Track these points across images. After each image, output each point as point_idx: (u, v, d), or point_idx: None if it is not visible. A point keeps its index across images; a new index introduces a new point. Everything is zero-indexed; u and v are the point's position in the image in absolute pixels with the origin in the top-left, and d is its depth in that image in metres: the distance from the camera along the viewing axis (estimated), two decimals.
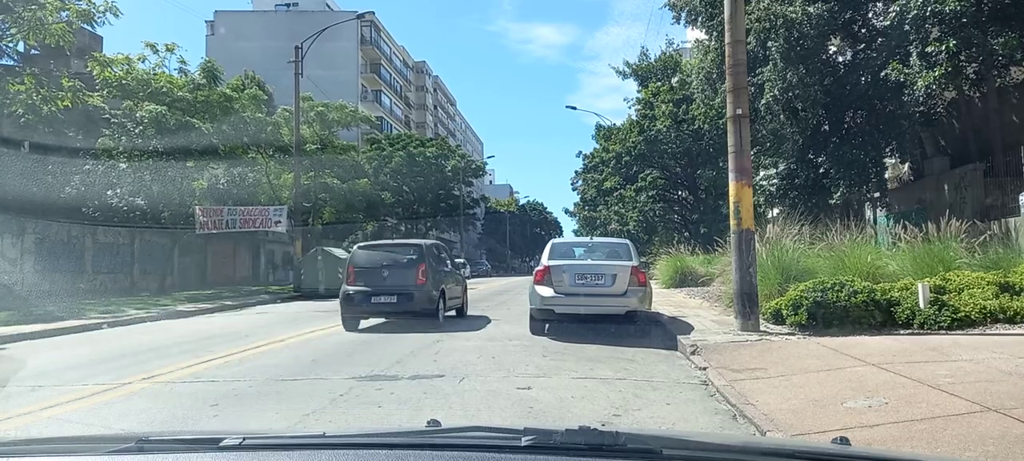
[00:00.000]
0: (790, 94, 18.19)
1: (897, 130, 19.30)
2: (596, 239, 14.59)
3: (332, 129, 35.78)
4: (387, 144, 53.60)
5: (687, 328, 10.53)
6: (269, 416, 5.78)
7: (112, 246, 26.27)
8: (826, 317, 9.29)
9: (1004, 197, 16.40)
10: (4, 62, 19.47)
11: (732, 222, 10.19)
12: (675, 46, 38.17)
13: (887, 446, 4.39)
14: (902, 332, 8.98)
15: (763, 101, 18.77)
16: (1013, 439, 4.38)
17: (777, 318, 10.05)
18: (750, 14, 17.61)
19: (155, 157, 23.36)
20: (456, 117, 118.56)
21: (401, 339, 10.63)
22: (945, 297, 9.30)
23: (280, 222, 27.54)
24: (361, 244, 12.68)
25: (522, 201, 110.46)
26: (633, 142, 36.23)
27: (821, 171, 21.04)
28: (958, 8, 14.19)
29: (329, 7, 71.50)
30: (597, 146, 44.60)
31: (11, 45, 19.32)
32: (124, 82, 22.40)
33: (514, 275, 57.42)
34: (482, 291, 26.83)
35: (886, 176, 22.39)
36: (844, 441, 1.83)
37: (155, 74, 23.49)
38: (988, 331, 8.70)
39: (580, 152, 47.45)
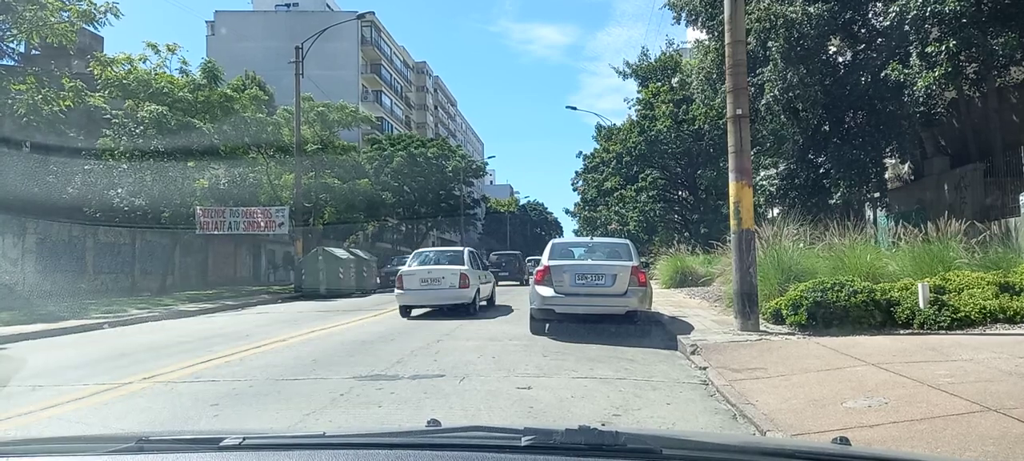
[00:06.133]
0: (790, 94, 18.19)
1: (897, 130, 19.29)
2: (596, 239, 14.61)
3: (333, 129, 35.78)
4: (388, 144, 53.62)
5: (687, 328, 10.53)
6: (269, 416, 5.78)
7: (113, 246, 26.30)
8: (826, 317, 9.30)
9: (1004, 197, 16.40)
10: (5, 62, 19.50)
11: (732, 222, 10.19)
12: (675, 46, 38.23)
13: (887, 446, 4.38)
14: (902, 332, 8.98)
15: (763, 101, 18.77)
16: (1013, 439, 4.38)
17: (777, 318, 10.05)
18: (750, 14, 17.60)
19: (156, 157, 23.37)
20: (457, 117, 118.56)
21: (402, 339, 10.64)
22: (945, 297, 9.30)
23: (283, 224, 27.55)
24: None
25: (523, 201, 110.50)
26: (633, 142, 36.24)
27: (821, 171, 21.03)
28: (958, 8, 14.18)
29: (329, 7, 71.53)
30: (597, 146, 44.66)
31: (12, 45, 19.36)
32: (125, 82, 22.43)
33: None
34: None
35: (886, 176, 22.39)
36: (844, 441, 1.83)
37: (156, 74, 23.50)
38: (988, 331, 8.69)
39: (580, 152, 47.59)
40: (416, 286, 15.00)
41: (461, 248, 18.10)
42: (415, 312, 15.27)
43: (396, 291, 15.36)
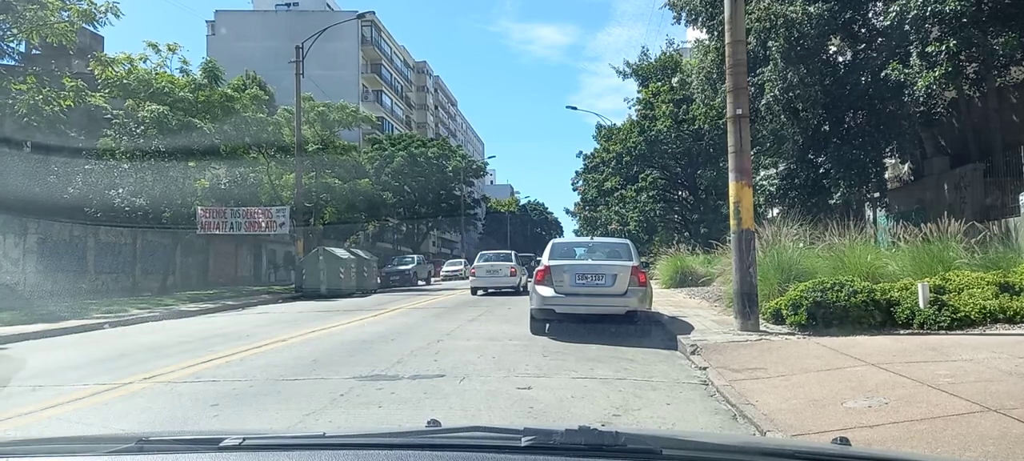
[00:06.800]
0: (790, 94, 18.18)
1: (897, 130, 19.29)
2: (596, 239, 14.62)
3: (333, 129, 35.79)
4: (388, 144, 53.63)
5: (687, 328, 10.53)
6: (270, 416, 5.78)
7: (114, 246, 26.32)
8: (826, 317, 9.29)
9: (1004, 197, 16.40)
10: (6, 62, 19.49)
11: (732, 222, 10.19)
12: (675, 46, 38.24)
13: (887, 446, 4.39)
14: (902, 332, 8.98)
15: (763, 101, 18.76)
16: (1013, 439, 4.38)
17: (777, 318, 10.05)
18: (750, 14, 17.59)
19: (157, 157, 23.37)
20: (457, 117, 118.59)
21: (402, 339, 10.64)
22: (945, 297, 9.29)
23: (284, 223, 27.55)
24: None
25: (523, 201, 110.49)
26: (633, 142, 36.23)
27: (821, 171, 21.03)
28: (958, 8, 14.18)
29: (329, 7, 71.54)
30: (597, 146, 44.62)
31: (13, 45, 19.34)
32: (125, 82, 22.41)
33: None
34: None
35: (886, 176, 22.38)
36: (844, 441, 1.84)
37: (156, 74, 23.49)
38: (988, 331, 8.69)
39: (580, 152, 47.50)
40: (483, 274, 23.40)
41: (509, 251, 27.06)
42: (417, 313, 15.73)
43: (470, 277, 24.66)
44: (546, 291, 10.63)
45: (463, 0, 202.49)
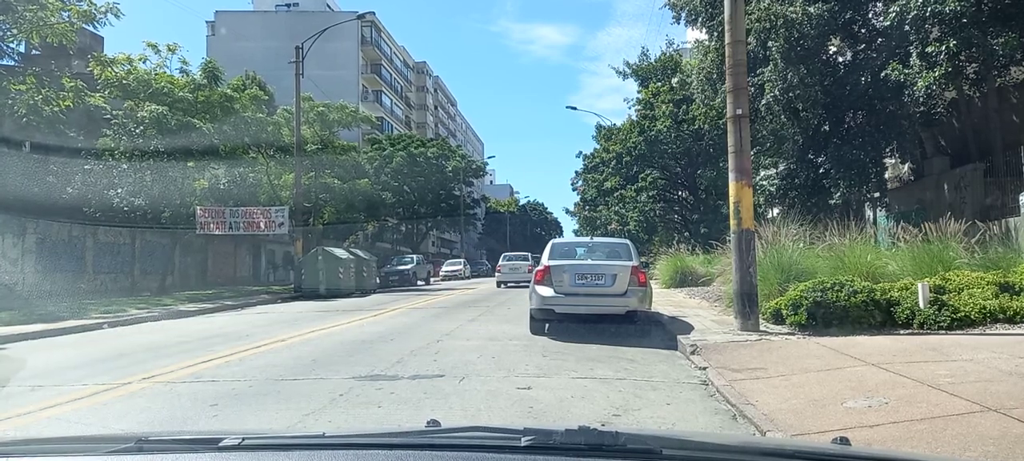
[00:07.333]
0: (790, 94, 18.17)
1: (897, 130, 19.28)
2: (596, 239, 14.62)
3: (332, 129, 35.75)
4: (388, 144, 53.61)
5: (687, 328, 10.52)
6: (269, 416, 5.77)
7: (113, 246, 26.31)
8: (826, 317, 9.29)
9: (1004, 197, 16.40)
10: (6, 62, 19.47)
11: (732, 222, 10.19)
12: (675, 46, 38.18)
13: (887, 446, 4.38)
14: (902, 332, 8.98)
15: (763, 101, 18.76)
16: (1013, 439, 4.38)
17: (777, 318, 10.05)
18: (750, 14, 17.58)
19: (156, 157, 23.34)
20: (457, 117, 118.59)
21: (402, 339, 10.64)
22: (945, 297, 9.29)
23: (283, 224, 27.53)
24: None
25: (522, 201, 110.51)
26: (633, 142, 36.22)
27: (821, 171, 21.02)
28: (958, 8, 14.17)
29: (329, 7, 71.55)
30: (597, 146, 44.61)
31: (13, 45, 19.33)
32: (125, 82, 22.39)
33: None
34: (482, 291, 26.83)
35: (886, 176, 22.37)
36: (844, 441, 1.83)
37: (156, 74, 23.47)
38: (988, 331, 8.69)
39: (580, 152, 47.49)
40: (507, 271, 29.82)
41: (527, 253, 33.33)
42: (416, 313, 15.85)
43: (496, 273, 31.12)
44: (546, 291, 10.63)
45: (463, 0, 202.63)
